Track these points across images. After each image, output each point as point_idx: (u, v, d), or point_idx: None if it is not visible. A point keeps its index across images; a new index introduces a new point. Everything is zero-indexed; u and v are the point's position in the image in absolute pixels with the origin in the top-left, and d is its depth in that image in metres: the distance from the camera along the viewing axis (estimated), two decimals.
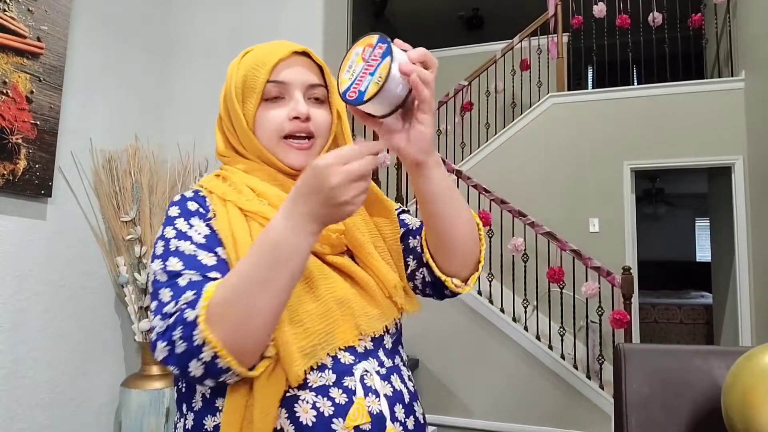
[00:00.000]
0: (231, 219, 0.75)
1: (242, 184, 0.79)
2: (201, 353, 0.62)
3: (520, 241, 3.94)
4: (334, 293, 0.74)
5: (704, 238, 8.79)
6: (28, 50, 1.87)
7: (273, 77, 0.80)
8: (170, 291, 0.67)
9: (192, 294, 0.66)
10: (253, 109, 0.80)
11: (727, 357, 1.08)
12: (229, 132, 0.84)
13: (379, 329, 0.78)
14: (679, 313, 6.51)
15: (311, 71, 0.83)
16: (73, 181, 2.12)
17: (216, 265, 0.70)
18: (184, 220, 0.75)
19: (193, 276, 0.68)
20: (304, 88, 0.81)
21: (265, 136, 0.80)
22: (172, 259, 0.70)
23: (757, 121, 4.06)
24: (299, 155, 0.80)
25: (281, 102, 0.81)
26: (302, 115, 0.79)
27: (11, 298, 1.86)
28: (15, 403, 1.85)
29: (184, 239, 0.72)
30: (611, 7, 4.84)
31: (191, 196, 0.80)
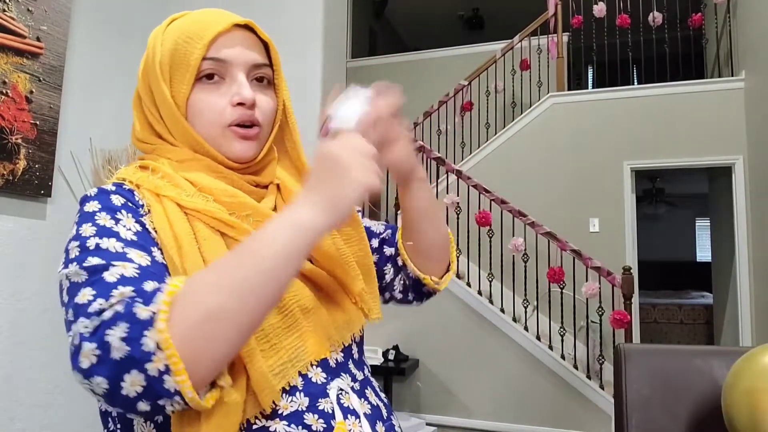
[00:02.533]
0: (170, 217, 0.61)
1: (177, 176, 0.65)
2: (149, 361, 0.46)
3: (520, 241, 3.94)
4: (300, 302, 0.64)
5: (704, 238, 8.79)
6: (27, 50, 1.86)
7: (211, 54, 0.66)
8: (92, 289, 0.51)
9: (129, 289, 0.50)
10: (185, 90, 0.66)
11: (727, 357, 1.08)
12: (152, 115, 0.69)
13: (348, 338, 0.70)
14: (679, 313, 6.51)
15: (255, 48, 0.70)
16: (72, 181, 2.12)
17: (149, 266, 0.55)
18: (107, 215, 0.59)
19: (124, 270, 0.52)
20: (248, 68, 0.68)
21: (203, 124, 0.67)
22: (91, 258, 0.54)
23: (757, 121, 4.06)
24: (245, 145, 0.68)
25: (220, 84, 0.67)
26: (248, 101, 0.66)
27: (11, 298, 1.86)
28: (15, 403, 1.85)
29: (108, 236, 0.56)
30: (611, 6, 4.84)
31: (113, 190, 0.63)
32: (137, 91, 0.72)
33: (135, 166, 0.68)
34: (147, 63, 0.70)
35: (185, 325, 0.48)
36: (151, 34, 0.72)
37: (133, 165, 0.69)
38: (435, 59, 6.30)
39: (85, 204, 0.61)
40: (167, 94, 0.67)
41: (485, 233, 4.16)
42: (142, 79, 0.71)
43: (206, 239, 0.61)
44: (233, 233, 0.63)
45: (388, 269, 0.85)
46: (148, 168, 0.67)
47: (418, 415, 3.76)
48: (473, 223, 4.16)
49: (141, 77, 0.71)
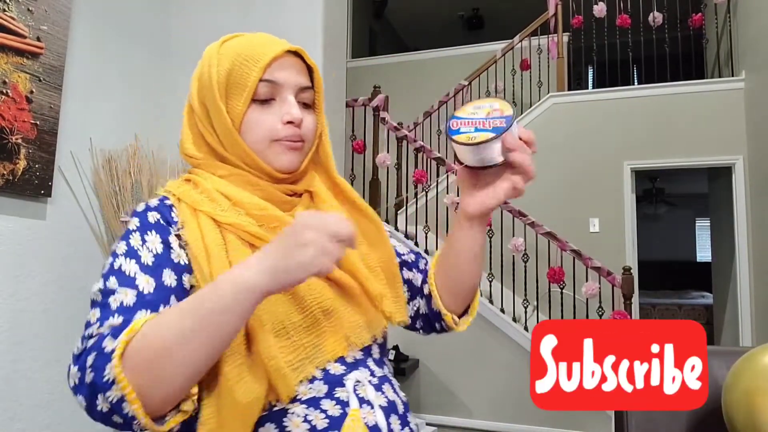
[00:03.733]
0: (203, 230, 0.69)
1: (214, 191, 0.73)
2: (108, 389, 0.55)
3: (520, 241, 3.94)
4: (321, 303, 0.70)
5: (704, 238, 8.79)
6: (27, 50, 1.86)
7: (266, 76, 0.73)
8: (99, 312, 0.62)
9: (120, 320, 0.60)
10: (241, 108, 0.73)
11: (727, 357, 1.08)
12: (206, 130, 0.76)
13: (368, 339, 0.74)
14: (679, 313, 6.51)
15: (302, 73, 0.77)
16: (72, 181, 2.12)
17: (152, 293, 0.64)
18: (139, 235, 0.69)
19: (125, 297, 0.62)
20: (296, 91, 0.76)
21: (255, 139, 0.74)
22: (111, 279, 0.64)
23: (757, 121, 4.06)
24: (292, 156, 0.75)
25: (271, 103, 0.75)
26: (296, 120, 0.74)
27: (11, 298, 1.86)
28: (15, 403, 1.85)
29: (131, 257, 0.66)
30: (611, 6, 4.84)
31: (155, 206, 0.72)
32: (188, 103, 0.79)
33: (182, 179, 0.77)
34: (202, 80, 0.76)
35: (135, 362, 0.55)
36: (205, 52, 0.79)
37: (181, 178, 0.78)
38: (435, 59, 6.29)
39: (131, 219, 0.72)
40: (223, 110, 0.73)
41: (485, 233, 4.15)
42: (197, 94, 0.77)
43: (235, 249, 0.69)
44: (260, 244, 0.69)
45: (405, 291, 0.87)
46: (191, 182, 0.75)
47: (419, 415, 3.76)
48: None
49: (195, 93, 0.77)
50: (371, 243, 0.80)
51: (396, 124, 4.40)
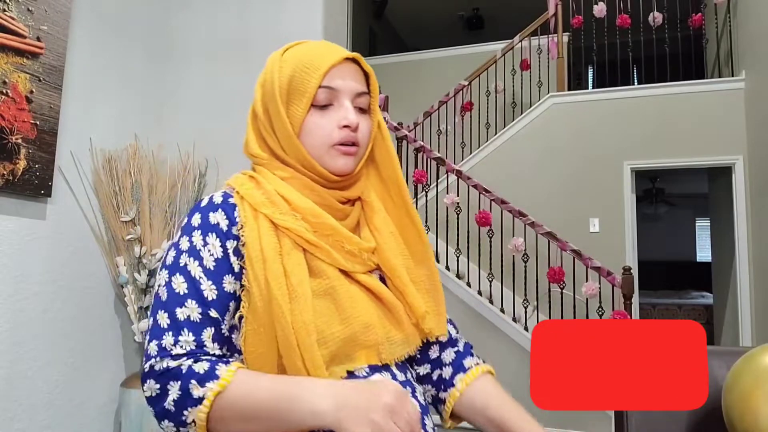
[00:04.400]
0: (261, 232, 0.73)
1: (275, 193, 0.76)
2: (184, 427, 0.65)
3: (520, 241, 3.94)
4: (361, 317, 0.74)
5: (704, 238, 8.79)
6: (27, 50, 1.86)
7: (325, 83, 0.77)
8: (168, 318, 0.69)
9: (191, 338, 0.68)
10: (301, 113, 0.77)
11: (727, 357, 1.08)
12: (268, 133, 0.80)
13: (401, 356, 0.78)
14: (679, 313, 6.51)
15: (359, 78, 0.80)
16: (72, 181, 2.12)
17: (216, 300, 0.71)
18: (201, 235, 0.74)
19: (192, 312, 0.69)
20: (353, 96, 0.79)
21: (313, 144, 0.78)
22: (178, 277, 0.71)
23: (757, 121, 4.06)
24: (347, 160, 0.78)
25: (329, 109, 0.78)
26: (353, 125, 0.77)
27: (11, 298, 1.86)
28: (15, 403, 1.85)
29: (194, 257, 0.72)
30: (611, 6, 4.84)
31: (219, 203, 0.76)
32: (253, 108, 0.82)
33: (247, 176, 0.80)
34: (265, 87, 0.80)
35: (216, 416, 0.65)
36: (269, 59, 0.82)
37: (245, 174, 0.81)
38: (435, 59, 6.30)
39: (194, 214, 0.76)
40: (284, 114, 0.77)
41: (485, 233, 4.16)
42: (260, 100, 0.81)
43: (289, 254, 0.73)
44: (313, 250, 0.75)
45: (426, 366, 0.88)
46: (255, 180, 0.79)
47: None
48: (473, 223, 4.16)
49: (259, 98, 0.81)
50: (417, 258, 0.84)
51: (396, 124, 4.40)
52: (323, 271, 0.75)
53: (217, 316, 0.71)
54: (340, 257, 0.76)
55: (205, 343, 0.69)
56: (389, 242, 0.82)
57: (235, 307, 0.73)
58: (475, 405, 0.83)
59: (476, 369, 0.86)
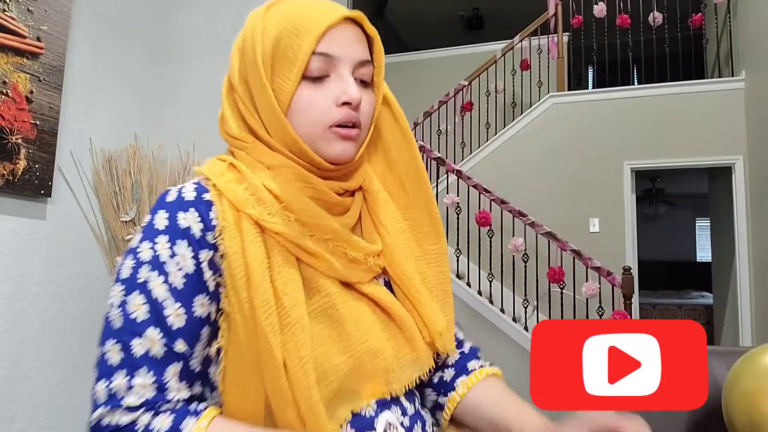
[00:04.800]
0: (245, 240, 0.58)
1: (262, 187, 0.61)
2: None
3: (520, 241, 3.94)
4: (367, 343, 0.61)
5: (704, 238, 8.78)
6: (27, 50, 1.86)
7: (320, 49, 0.61)
8: (121, 351, 0.55)
9: (150, 380, 0.54)
10: (290, 87, 0.61)
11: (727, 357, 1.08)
12: (248, 111, 0.64)
13: (412, 380, 0.66)
14: (679, 313, 6.51)
15: (362, 43, 0.65)
16: (72, 181, 2.12)
17: (184, 327, 0.56)
18: (168, 242, 0.58)
19: (152, 345, 0.55)
20: (354, 65, 0.63)
21: (304, 123, 0.62)
22: (135, 297, 0.56)
23: (757, 121, 4.06)
24: (346, 146, 0.63)
25: (325, 81, 0.62)
26: (354, 101, 0.61)
27: (11, 298, 1.86)
28: (15, 403, 1.85)
29: (159, 272, 0.57)
30: (611, 6, 4.83)
31: (191, 200, 0.60)
32: (228, 78, 0.66)
33: (226, 164, 0.64)
34: (245, 51, 0.63)
35: None
36: (248, 19, 0.65)
37: (223, 161, 0.65)
38: (435, 59, 6.30)
39: (158, 211, 0.60)
40: (269, 87, 0.61)
41: (485, 233, 4.16)
42: (238, 67, 0.65)
43: (280, 266, 0.59)
44: (309, 260, 0.61)
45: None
46: (236, 169, 0.63)
47: None
48: (473, 223, 4.16)
49: (236, 67, 0.65)
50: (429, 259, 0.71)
51: None
52: (321, 286, 0.61)
53: (185, 349, 0.56)
54: (342, 267, 0.62)
55: (169, 384, 0.55)
56: (399, 241, 0.68)
57: (209, 335, 0.59)
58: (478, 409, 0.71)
59: (480, 371, 0.74)
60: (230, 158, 0.65)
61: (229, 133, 0.66)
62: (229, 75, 0.66)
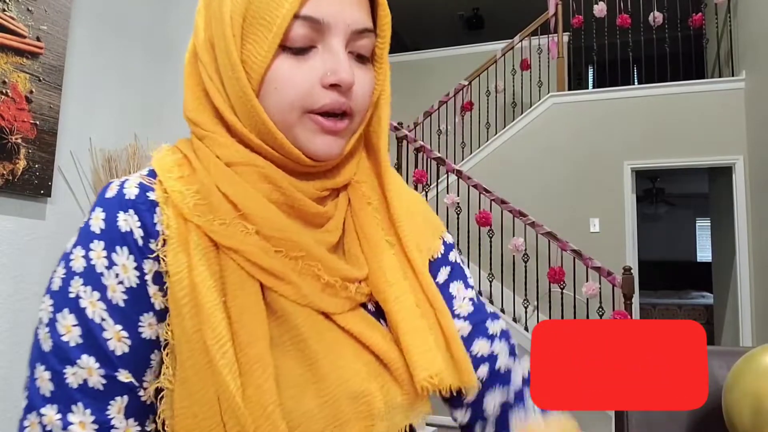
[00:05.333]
0: (193, 260, 0.46)
1: (216, 190, 0.48)
2: None
3: (520, 241, 3.94)
4: (347, 385, 0.48)
5: (705, 238, 8.78)
6: (27, 50, 1.86)
7: (305, 11, 0.47)
8: (51, 380, 0.45)
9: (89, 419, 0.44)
10: (262, 58, 0.48)
11: (727, 357, 1.07)
12: (214, 87, 0.51)
13: (402, 426, 0.52)
14: (679, 313, 6.51)
15: (361, 8, 0.50)
16: (72, 181, 2.12)
17: (128, 354, 0.46)
18: (104, 249, 0.47)
19: (90, 375, 0.45)
20: (348, 35, 0.49)
21: (280, 107, 0.49)
22: (66, 316, 0.46)
23: (758, 121, 4.06)
24: (329, 141, 0.50)
25: (310, 54, 0.49)
26: (345, 84, 0.48)
27: (10, 298, 1.86)
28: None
29: (93, 287, 0.46)
30: (611, 6, 4.84)
31: (132, 199, 0.49)
32: (191, 50, 0.53)
33: (178, 157, 0.52)
34: (211, 9, 0.50)
35: None
36: None
37: (176, 152, 0.53)
38: (435, 59, 6.30)
39: (95, 209, 0.50)
40: (236, 56, 0.48)
41: (485, 233, 4.15)
42: (204, 33, 0.51)
43: (236, 292, 0.47)
44: (273, 284, 0.48)
45: None
46: (189, 164, 0.51)
47: None
48: (473, 223, 4.16)
49: (201, 31, 0.52)
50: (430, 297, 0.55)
51: (396, 124, 4.40)
52: (288, 315, 0.48)
53: (130, 380, 0.46)
54: (313, 293, 0.49)
55: (113, 423, 0.45)
56: (387, 259, 0.54)
57: (159, 362, 0.48)
58: None
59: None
60: (187, 148, 0.52)
61: (189, 118, 0.53)
62: (192, 40, 0.53)
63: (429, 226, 0.61)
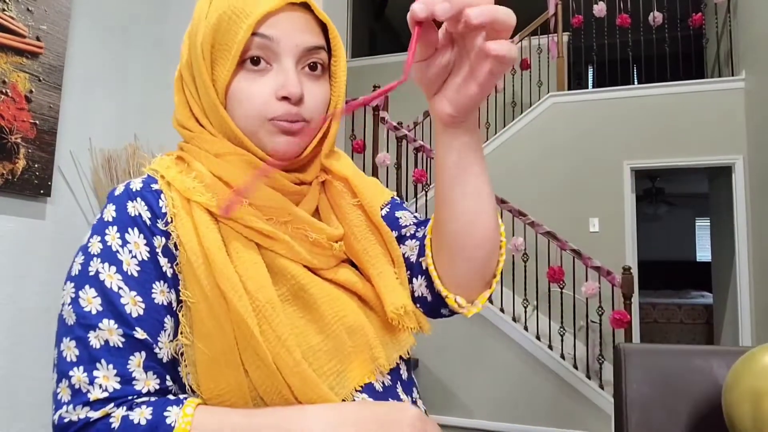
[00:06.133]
0: (199, 228, 0.56)
1: (210, 175, 0.59)
2: None
3: (520, 240, 3.94)
4: (344, 319, 0.58)
5: (704, 238, 8.79)
6: (27, 50, 1.86)
7: (260, 30, 0.57)
8: (76, 347, 0.52)
9: (112, 373, 0.51)
10: (225, 75, 0.58)
11: (727, 357, 1.08)
12: (193, 99, 0.62)
13: (396, 358, 0.63)
14: (679, 312, 6.51)
15: (310, 30, 0.60)
16: (72, 180, 2.12)
17: (143, 316, 0.53)
18: (117, 231, 0.56)
19: (110, 335, 0.52)
20: (299, 53, 0.59)
21: (243, 116, 0.59)
22: (87, 291, 0.54)
23: (757, 121, 4.06)
24: (288, 140, 0.59)
25: (266, 71, 0.58)
26: (293, 97, 0.57)
27: (10, 297, 1.86)
28: (15, 402, 1.85)
29: (110, 262, 0.54)
30: (611, 6, 4.84)
31: (137, 190, 0.58)
32: (179, 68, 0.64)
33: (173, 158, 0.63)
34: (190, 38, 0.61)
35: None
36: (197, 3, 0.62)
37: (171, 155, 0.64)
38: None
39: (107, 206, 0.58)
40: (206, 76, 0.59)
41: None
42: (186, 54, 0.62)
43: (239, 252, 0.56)
44: (269, 244, 0.58)
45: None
46: (184, 161, 0.61)
47: None
48: None
49: (184, 51, 0.63)
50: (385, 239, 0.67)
51: (396, 124, 4.40)
52: (285, 269, 0.58)
53: (145, 337, 0.53)
54: (304, 250, 0.59)
55: (134, 375, 0.52)
56: (355, 218, 0.65)
57: (173, 327, 0.56)
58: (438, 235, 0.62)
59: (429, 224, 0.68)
60: (178, 152, 0.64)
61: (177, 121, 0.65)
62: (180, 62, 0.64)
63: (380, 189, 0.72)
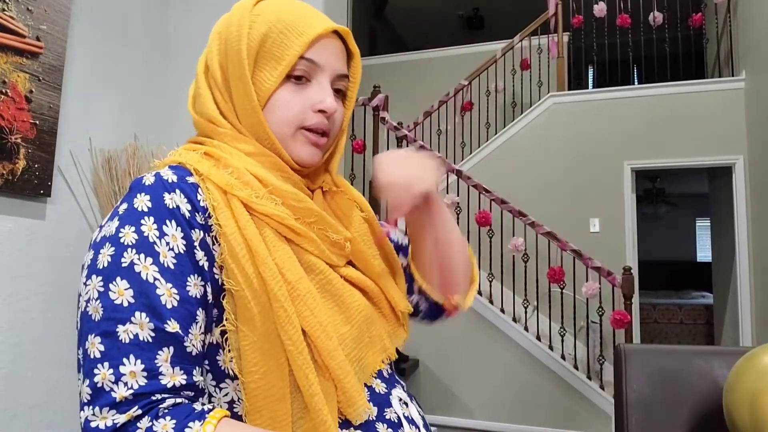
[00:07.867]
0: (239, 221, 0.59)
1: (246, 172, 0.61)
2: None
3: (520, 241, 3.94)
4: (363, 312, 0.65)
5: (705, 238, 8.78)
6: (27, 50, 1.86)
7: (308, 54, 0.63)
8: (102, 343, 0.51)
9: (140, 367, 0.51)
10: (271, 83, 0.63)
11: (727, 357, 1.07)
12: (222, 98, 0.65)
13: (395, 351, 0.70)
14: (679, 313, 6.51)
15: (343, 58, 0.68)
16: (72, 180, 2.11)
17: (177, 308, 0.54)
18: (155, 223, 0.55)
19: (141, 330, 0.52)
20: (334, 77, 0.66)
21: (278, 122, 0.64)
22: (119, 282, 0.53)
23: (758, 121, 4.06)
24: (313, 151, 0.66)
25: (305, 85, 0.65)
26: (330, 111, 0.64)
27: (11, 298, 1.86)
28: (15, 403, 1.85)
29: (147, 253, 0.54)
30: (612, 6, 4.83)
31: (174, 182, 0.58)
32: (205, 61, 0.68)
33: (199, 153, 0.63)
34: (229, 39, 0.64)
35: None
36: (234, 8, 0.66)
37: (195, 150, 0.64)
38: (435, 59, 6.29)
39: (137, 195, 0.57)
40: (249, 81, 0.63)
41: (485, 233, 4.15)
42: (217, 55, 0.66)
43: (275, 246, 0.59)
44: (299, 240, 0.62)
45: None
46: (213, 157, 0.63)
47: None
48: (473, 223, 4.16)
49: (215, 52, 0.66)
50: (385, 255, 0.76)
51: (396, 124, 4.40)
52: (314, 265, 0.63)
53: (176, 330, 0.53)
54: (327, 249, 0.65)
55: (161, 370, 0.52)
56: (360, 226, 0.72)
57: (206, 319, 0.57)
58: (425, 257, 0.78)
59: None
60: (204, 147, 0.64)
61: (205, 114, 0.66)
62: (206, 55, 0.68)
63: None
